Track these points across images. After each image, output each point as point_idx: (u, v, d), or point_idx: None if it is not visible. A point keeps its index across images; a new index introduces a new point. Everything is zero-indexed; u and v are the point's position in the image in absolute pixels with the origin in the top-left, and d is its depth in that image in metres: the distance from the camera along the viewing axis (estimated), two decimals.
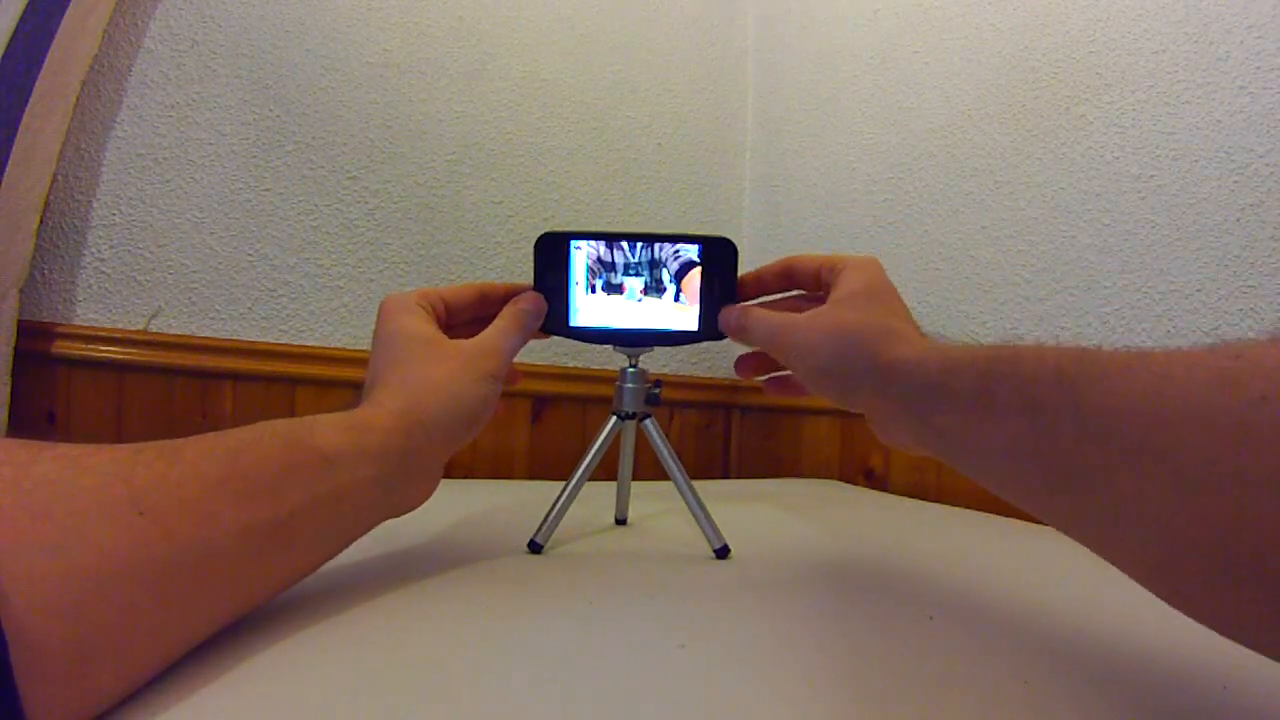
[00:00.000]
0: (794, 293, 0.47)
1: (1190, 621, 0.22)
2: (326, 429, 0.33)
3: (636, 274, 0.46)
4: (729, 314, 0.45)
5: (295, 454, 0.31)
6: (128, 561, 0.23)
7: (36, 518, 0.21)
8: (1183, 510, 0.21)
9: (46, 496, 0.22)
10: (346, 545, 0.35)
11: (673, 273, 0.46)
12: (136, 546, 0.23)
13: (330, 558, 0.34)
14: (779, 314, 0.42)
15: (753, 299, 0.47)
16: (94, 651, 0.22)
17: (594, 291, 0.46)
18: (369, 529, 0.36)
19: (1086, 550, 0.26)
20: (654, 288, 0.46)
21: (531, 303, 0.45)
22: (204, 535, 0.26)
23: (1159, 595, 0.23)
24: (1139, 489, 0.22)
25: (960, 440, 0.31)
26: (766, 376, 0.49)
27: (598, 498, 0.57)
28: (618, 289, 0.46)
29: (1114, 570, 0.25)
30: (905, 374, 0.34)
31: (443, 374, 0.39)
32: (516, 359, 0.44)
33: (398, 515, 0.38)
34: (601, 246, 0.46)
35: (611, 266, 0.46)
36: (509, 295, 0.46)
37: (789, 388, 0.48)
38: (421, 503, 0.40)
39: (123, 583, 0.23)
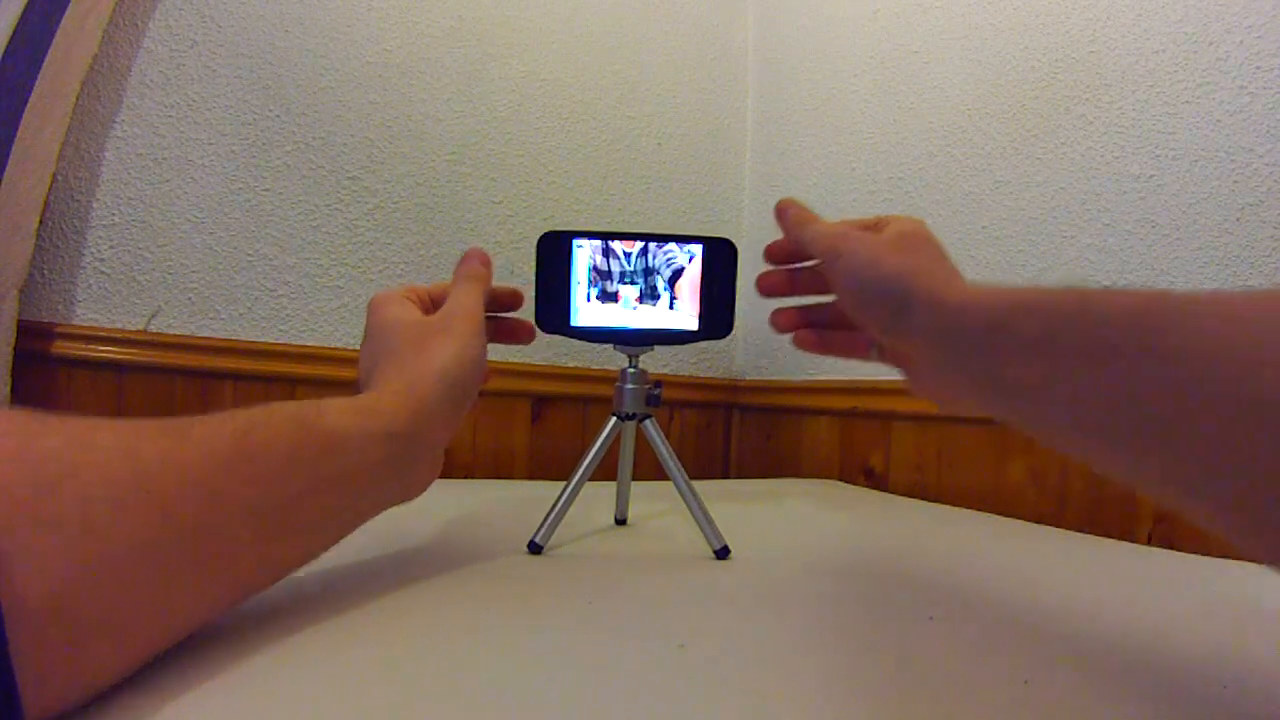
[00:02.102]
0: (814, 261, 0.41)
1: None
2: (335, 411, 0.33)
3: (631, 282, 0.47)
4: (789, 210, 0.41)
5: (304, 435, 0.31)
6: (130, 540, 0.23)
7: (39, 493, 0.21)
8: (1275, 457, 0.20)
9: (50, 472, 0.22)
10: (351, 530, 0.35)
11: (666, 280, 0.46)
12: (140, 525, 0.23)
13: (334, 542, 0.34)
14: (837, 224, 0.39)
15: (779, 266, 0.44)
16: (93, 630, 0.21)
17: (589, 300, 0.47)
18: (374, 514, 0.36)
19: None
20: (649, 295, 0.47)
21: (475, 256, 0.45)
22: (209, 515, 0.25)
23: (1253, 552, 0.22)
24: (1228, 436, 0.21)
25: (1029, 394, 0.28)
26: (803, 329, 0.44)
27: (597, 498, 0.57)
28: (613, 297, 0.47)
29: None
30: (966, 311, 0.31)
31: (432, 348, 0.40)
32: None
33: (403, 501, 0.39)
34: (599, 255, 0.46)
35: (607, 275, 0.47)
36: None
37: (826, 343, 0.44)
38: (425, 488, 0.40)
39: (124, 562, 0.22)
